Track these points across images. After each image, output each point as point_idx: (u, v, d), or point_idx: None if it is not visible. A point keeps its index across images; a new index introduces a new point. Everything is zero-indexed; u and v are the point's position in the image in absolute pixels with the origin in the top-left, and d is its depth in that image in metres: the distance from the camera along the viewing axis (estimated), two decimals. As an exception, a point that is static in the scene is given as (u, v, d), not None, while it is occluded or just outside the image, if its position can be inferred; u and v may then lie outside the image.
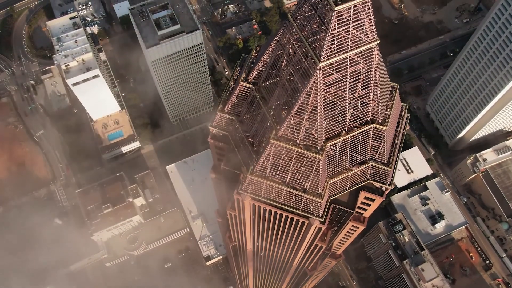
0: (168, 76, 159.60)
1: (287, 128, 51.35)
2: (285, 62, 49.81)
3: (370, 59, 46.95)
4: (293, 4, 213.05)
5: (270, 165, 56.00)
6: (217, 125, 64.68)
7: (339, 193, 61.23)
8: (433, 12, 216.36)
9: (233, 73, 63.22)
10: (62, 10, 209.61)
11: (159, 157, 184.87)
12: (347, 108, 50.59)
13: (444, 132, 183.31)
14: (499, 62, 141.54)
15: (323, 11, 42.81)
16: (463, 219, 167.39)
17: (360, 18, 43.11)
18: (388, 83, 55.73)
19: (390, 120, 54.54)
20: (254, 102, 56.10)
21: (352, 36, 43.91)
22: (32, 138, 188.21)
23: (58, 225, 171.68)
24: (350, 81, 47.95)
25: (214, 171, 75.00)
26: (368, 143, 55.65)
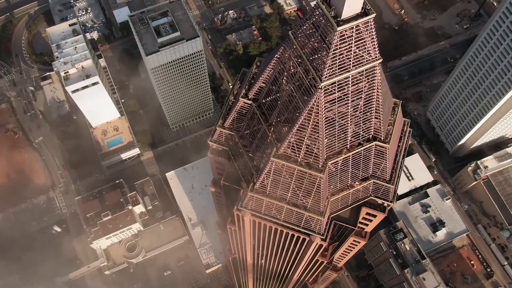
0: (168, 83, 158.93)
1: (288, 146, 50.65)
2: (285, 79, 49.13)
3: (373, 78, 46.30)
4: (293, 10, 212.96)
5: (270, 182, 55.25)
6: (216, 140, 63.90)
7: (340, 209, 60.46)
8: (433, 18, 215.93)
9: (233, 87, 62.58)
10: (62, 16, 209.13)
11: (159, 163, 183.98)
12: (349, 125, 49.91)
13: (445, 139, 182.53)
14: (500, 70, 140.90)
15: (325, 30, 42.18)
16: (464, 227, 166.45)
17: (363, 37, 42.49)
18: (390, 99, 55.04)
19: (393, 137, 53.83)
20: (255, 118, 55.38)
21: (354, 55, 43.29)
22: (31, 144, 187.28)
23: (57, 232, 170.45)
24: (352, 99, 47.31)
25: (214, 185, 74.15)
26: (370, 160, 54.95)
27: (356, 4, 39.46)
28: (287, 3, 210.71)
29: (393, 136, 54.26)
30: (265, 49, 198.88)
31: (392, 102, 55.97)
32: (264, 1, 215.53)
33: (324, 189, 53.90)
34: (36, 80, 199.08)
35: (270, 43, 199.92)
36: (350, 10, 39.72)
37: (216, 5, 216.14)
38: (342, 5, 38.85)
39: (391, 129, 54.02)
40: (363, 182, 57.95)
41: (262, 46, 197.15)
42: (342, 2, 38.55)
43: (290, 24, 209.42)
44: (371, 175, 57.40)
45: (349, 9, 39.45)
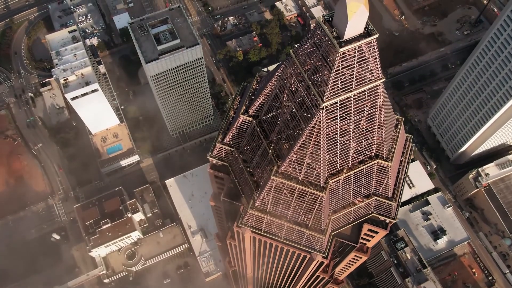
0: (168, 90, 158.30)
1: (288, 164, 49.91)
2: (286, 97, 48.47)
3: (375, 97, 45.62)
4: (293, 16, 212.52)
5: (271, 200, 54.48)
6: (216, 155, 63.10)
7: (342, 227, 59.65)
8: (433, 24, 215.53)
9: (233, 102, 61.93)
10: (62, 22, 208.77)
11: (159, 170, 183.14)
12: (350, 143, 49.19)
13: (446, 146, 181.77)
14: (501, 78, 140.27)
15: (327, 50, 41.52)
16: (465, 235, 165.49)
17: (365, 57, 41.82)
18: (392, 116, 54.32)
19: (395, 155, 53.10)
20: (255, 135, 54.68)
21: (357, 74, 42.62)
22: (30, 151, 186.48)
23: (55, 240, 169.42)
24: (354, 118, 46.60)
25: (213, 199, 73.34)
26: (372, 178, 54.20)
27: (358, 25, 38.81)
28: (287, 9, 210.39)
29: (396, 154, 53.54)
30: (265, 55, 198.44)
31: (394, 119, 55.24)
32: (264, 7, 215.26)
33: (325, 207, 53.13)
34: (35, 86, 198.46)
35: (270, 49, 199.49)
36: (353, 31, 39.07)
37: (216, 11, 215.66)
38: (344, 26, 38.20)
39: (393, 146, 53.29)
40: (365, 199, 57.17)
41: (262, 52, 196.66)
42: (344, 23, 37.89)
43: (290, 30, 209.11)
44: (373, 192, 56.64)
45: (351, 30, 38.79)
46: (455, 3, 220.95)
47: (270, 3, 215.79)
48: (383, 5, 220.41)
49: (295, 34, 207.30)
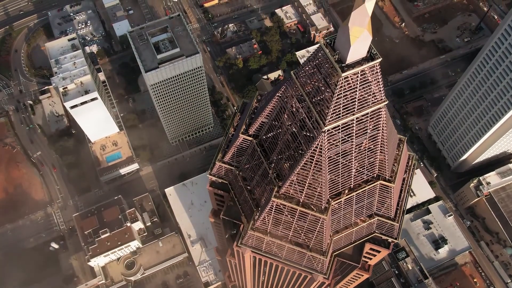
0: (168, 99, 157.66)
1: (289, 186, 49.06)
2: (287, 119, 47.67)
3: (378, 119, 44.83)
4: (293, 23, 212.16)
5: (271, 221, 53.59)
6: (216, 173, 62.20)
7: (344, 247, 58.72)
8: (434, 31, 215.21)
9: (233, 119, 61.13)
10: (61, 29, 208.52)
11: (158, 179, 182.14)
12: (352, 164, 48.35)
13: (447, 154, 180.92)
14: (502, 87, 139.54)
15: (328, 73, 40.76)
16: (466, 244, 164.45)
17: (368, 81, 41.05)
18: (395, 136, 53.51)
19: (398, 175, 52.27)
20: (255, 155, 53.86)
21: (359, 98, 41.85)
22: (29, 159, 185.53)
23: (54, 249, 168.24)
24: (356, 140, 45.82)
25: (213, 216, 72.43)
26: (375, 199, 53.35)
27: (361, 49, 38.05)
28: (287, 17, 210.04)
29: (398, 174, 52.69)
30: (265, 63, 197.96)
31: (397, 138, 54.40)
32: (264, 15, 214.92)
33: (327, 229, 52.23)
34: (34, 93, 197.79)
35: (270, 56, 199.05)
36: (355, 55, 38.31)
37: (216, 18, 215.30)
38: (347, 50, 37.44)
39: (396, 166, 52.45)
40: (367, 219, 56.27)
41: (263, 60, 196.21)
42: (347, 48, 37.13)
43: (290, 38, 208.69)
44: (375, 212, 55.77)
45: (354, 54, 38.04)
46: (455, 10, 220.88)
47: (270, 10, 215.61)
48: (383, 12, 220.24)
49: (295, 41, 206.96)
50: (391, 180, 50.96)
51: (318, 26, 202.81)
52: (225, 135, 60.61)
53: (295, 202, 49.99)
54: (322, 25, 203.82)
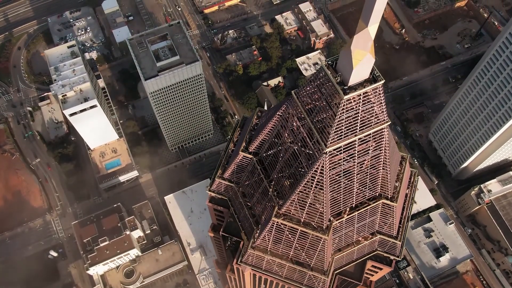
0: (167, 106, 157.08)
1: (290, 205, 48.32)
2: (288, 138, 46.98)
3: (380, 139, 44.15)
4: (293, 29, 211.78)
5: (272, 240, 52.79)
6: (216, 189, 61.41)
7: (345, 265, 57.92)
8: (434, 37, 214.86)
9: (233, 135, 60.40)
10: (61, 35, 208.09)
11: (157, 186, 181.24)
12: (355, 185, 47.62)
13: (448, 161, 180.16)
14: (503, 95, 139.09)
15: (330, 95, 40.07)
16: (468, 252, 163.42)
17: (371, 102, 40.36)
18: (397, 155, 52.79)
19: (400, 194, 51.51)
20: (255, 173, 53.11)
21: (362, 119, 41.16)
22: (28, 166, 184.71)
23: (53, 257, 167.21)
24: (358, 160, 45.11)
25: (213, 230, 71.59)
26: (377, 217, 52.58)
27: (364, 71, 37.38)
28: (287, 23, 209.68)
29: (401, 192, 51.93)
30: (265, 69, 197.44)
31: (399, 156, 53.69)
32: (264, 21, 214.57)
33: (328, 248, 51.43)
34: (34, 100, 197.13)
35: (270, 63, 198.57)
36: (358, 77, 37.64)
37: (216, 24, 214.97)
38: (349, 73, 36.77)
39: (398, 185, 51.71)
40: (370, 237, 55.46)
41: (263, 66, 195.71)
42: (349, 70, 36.47)
43: (290, 44, 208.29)
44: (377, 230, 54.97)
45: (356, 76, 37.37)
46: (456, 17, 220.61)
47: (270, 16, 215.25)
48: (384, 18, 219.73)
49: (295, 48, 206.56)
50: (393, 199, 50.17)
51: (318, 33, 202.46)
52: (224, 151, 59.87)
53: (295, 221, 49.20)
54: (322, 31, 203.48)
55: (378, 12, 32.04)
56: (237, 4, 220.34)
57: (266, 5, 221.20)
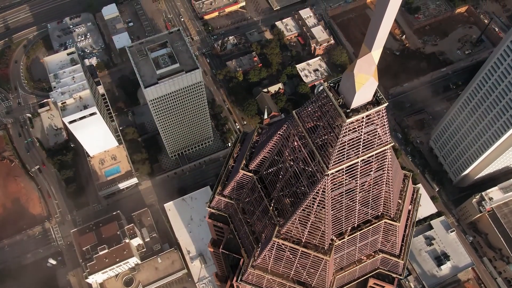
0: (167, 113, 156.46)
1: (291, 225, 47.52)
2: (289, 158, 46.24)
3: (383, 160, 43.39)
4: (294, 35, 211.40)
5: (272, 260, 51.97)
6: (215, 206, 60.58)
7: (347, 284, 57.03)
8: (434, 43, 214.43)
9: (233, 150, 59.64)
10: (61, 41, 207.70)
11: (157, 193, 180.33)
12: (357, 205, 46.85)
13: (449, 168, 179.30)
14: (504, 103, 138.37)
15: (332, 116, 39.33)
16: (469, 260, 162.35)
17: (374, 123, 39.63)
18: (400, 173, 52.02)
19: (403, 213, 50.73)
20: (255, 191, 52.35)
21: (364, 141, 40.42)
22: (27, 173, 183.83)
23: (52, 265, 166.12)
24: (361, 180, 44.35)
25: (212, 246, 70.75)
26: (379, 236, 51.76)
27: (367, 94, 36.67)
28: (288, 29, 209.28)
29: (404, 211, 51.15)
30: (265, 75, 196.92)
31: (402, 175, 52.92)
32: (264, 27, 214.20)
33: (330, 269, 50.59)
34: (33, 106, 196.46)
35: (270, 69, 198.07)
36: (361, 100, 36.93)
37: (216, 30, 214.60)
38: (352, 96, 36.07)
39: (401, 204, 50.92)
40: (372, 256, 54.61)
41: (263, 73, 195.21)
42: (352, 94, 35.75)
43: (290, 50, 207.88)
44: (380, 249, 54.14)
45: (359, 99, 36.65)
46: (456, 23, 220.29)
47: (270, 22, 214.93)
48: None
49: (296, 54, 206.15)
50: (396, 218, 49.34)
51: (318, 39, 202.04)
52: (224, 167, 59.10)
53: (296, 242, 48.37)
54: (323, 37, 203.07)
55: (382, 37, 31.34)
56: (237, 10, 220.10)
57: (266, 11, 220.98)
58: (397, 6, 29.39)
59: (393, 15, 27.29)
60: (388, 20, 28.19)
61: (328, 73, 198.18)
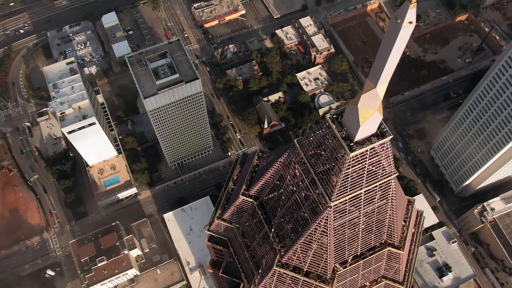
0: (167, 123, 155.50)
1: (292, 254, 46.38)
2: (290, 187, 45.19)
3: (387, 190, 42.33)
4: (294, 44, 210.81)
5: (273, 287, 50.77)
6: (215, 230, 59.46)
7: (349, 310, 55.84)
8: (435, 51, 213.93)
9: (233, 172, 58.56)
10: (60, 50, 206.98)
11: (156, 203, 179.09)
12: (360, 234, 45.74)
13: (450, 178, 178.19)
14: (506, 114, 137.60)
15: (335, 147, 38.29)
16: (471, 271, 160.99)
17: (378, 155, 38.58)
18: (404, 200, 50.91)
19: (407, 240, 49.61)
20: (256, 217, 51.27)
21: (368, 172, 39.36)
22: (26, 182, 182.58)
23: (50, 276, 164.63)
24: (364, 210, 43.27)
25: (212, 267, 69.53)
26: (383, 264, 50.62)
27: (371, 127, 35.65)
28: (288, 38, 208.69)
29: (408, 238, 50.02)
30: (265, 84, 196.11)
31: (405, 201, 51.82)
32: (264, 35, 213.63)
33: (332, 297, 49.40)
34: (32, 115, 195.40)
35: (270, 78, 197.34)
36: (365, 133, 35.91)
37: (216, 39, 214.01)
38: (355, 129, 35.04)
39: (405, 231, 49.81)
40: (375, 282, 53.45)
41: (263, 81, 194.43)
42: (356, 127, 34.72)
43: (291, 59, 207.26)
44: (383, 276, 52.97)
45: (363, 132, 35.63)
46: (457, 31, 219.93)
47: (270, 31, 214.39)
48: (384, 32, 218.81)
49: (296, 63, 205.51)
50: (400, 246, 48.22)
51: (318, 47, 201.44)
52: (224, 188, 58.01)
53: (298, 271, 47.22)
54: (323, 46, 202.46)
55: (388, 74, 30.35)
56: (237, 18, 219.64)
57: (266, 19, 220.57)
58: (403, 44, 28.43)
59: (399, 53, 26.42)
60: (395, 57, 27.21)
61: (328, 82, 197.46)
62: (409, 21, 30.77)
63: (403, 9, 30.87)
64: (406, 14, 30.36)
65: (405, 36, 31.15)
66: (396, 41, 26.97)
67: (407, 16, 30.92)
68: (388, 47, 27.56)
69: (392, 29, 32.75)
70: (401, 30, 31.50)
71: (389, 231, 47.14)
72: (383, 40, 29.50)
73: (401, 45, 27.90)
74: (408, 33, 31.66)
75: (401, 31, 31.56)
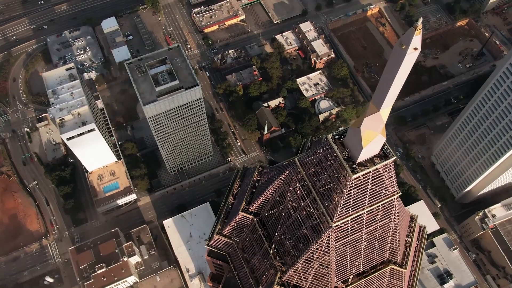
0: (166, 130, 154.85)
1: (293, 273, 45.69)
2: (291, 205, 44.55)
3: (390, 209, 41.67)
4: (294, 49, 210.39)
5: (274, 305, 50.10)
6: (214, 245, 58.75)
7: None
8: (435, 56, 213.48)
9: (233, 185, 57.88)
10: (60, 55, 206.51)
11: (156, 209, 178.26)
12: (362, 252, 45.05)
13: (451, 184, 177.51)
14: (507, 121, 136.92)
15: (337, 167, 37.64)
16: (472, 279, 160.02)
17: (381, 175, 37.93)
18: (406, 218, 50.28)
19: (410, 257, 48.94)
20: (256, 233, 50.59)
21: (371, 193, 38.71)
22: (25, 188, 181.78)
23: (49, 283, 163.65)
24: (366, 230, 42.58)
25: (211, 281, 68.79)
26: (385, 282, 49.92)
27: (374, 149, 35.03)
28: (288, 43, 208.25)
29: (411, 255, 49.35)
30: (265, 90, 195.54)
31: (408, 218, 51.15)
32: (264, 40, 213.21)
33: (334, 316, 48.70)
34: (32, 121, 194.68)
35: (270, 83, 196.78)
36: (367, 154, 35.28)
37: (216, 44, 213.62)
38: (358, 151, 34.41)
39: (408, 248, 49.12)
40: (376, 299, 52.75)
41: (263, 87, 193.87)
42: (358, 149, 34.09)
43: (291, 64, 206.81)
44: (385, 293, 52.30)
45: (366, 154, 35.01)
46: (457, 36, 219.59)
47: (270, 36, 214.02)
48: (384, 37, 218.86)
49: (296, 68, 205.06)
50: (403, 264, 47.53)
51: (319, 53, 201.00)
52: (224, 202, 57.33)
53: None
54: (323, 51, 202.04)
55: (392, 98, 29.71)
56: (237, 23, 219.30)
57: (266, 24, 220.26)
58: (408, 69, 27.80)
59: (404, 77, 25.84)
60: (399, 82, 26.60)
61: (328, 87, 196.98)
62: (414, 47, 30.29)
63: (408, 35, 30.28)
64: (411, 40, 29.89)
65: (410, 62, 30.58)
66: (400, 67, 26.39)
67: (412, 43, 30.44)
68: (393, 72, 26.98)
69: (397, 55, 32.24)
70: (406, 56, 31.00)
71: (391, 249, 46.47)
72: (387, 64, 28.86)
73: (405, 70, 27.32)
74: (413, 59, 31.13)
75: (406, 57, 31.06)
